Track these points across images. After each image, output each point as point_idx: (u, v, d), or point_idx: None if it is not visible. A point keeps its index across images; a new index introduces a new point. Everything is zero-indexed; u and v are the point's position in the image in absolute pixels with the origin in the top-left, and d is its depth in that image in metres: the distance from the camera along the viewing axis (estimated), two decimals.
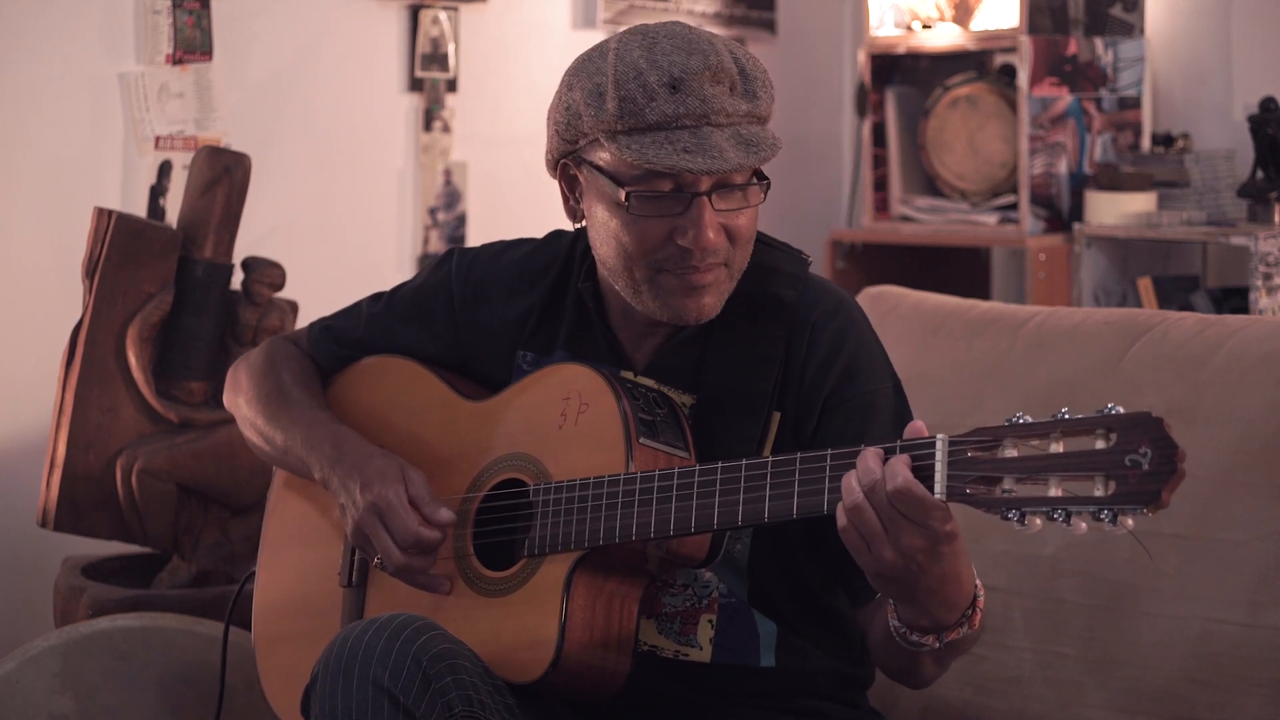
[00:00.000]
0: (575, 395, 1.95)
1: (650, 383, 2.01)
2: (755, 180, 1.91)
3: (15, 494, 3.16)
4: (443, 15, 3.78)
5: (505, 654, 1.90)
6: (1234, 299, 3.68)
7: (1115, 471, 1.54)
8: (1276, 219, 3.59)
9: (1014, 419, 1.61)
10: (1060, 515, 1.56)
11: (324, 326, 2.25)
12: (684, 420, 1.96)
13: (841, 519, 1.70)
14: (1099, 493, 1.55)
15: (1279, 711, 2.11)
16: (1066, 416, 1.58)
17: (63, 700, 2.57)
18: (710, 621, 1.97)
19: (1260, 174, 3.63)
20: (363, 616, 2.07)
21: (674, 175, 1.86)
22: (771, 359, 1.97)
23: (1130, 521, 1.54)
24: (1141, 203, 3.76)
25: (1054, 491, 1.57)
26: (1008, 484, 1.60)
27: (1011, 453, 1.61)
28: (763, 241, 2.04)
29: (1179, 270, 3.91)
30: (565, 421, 1.96)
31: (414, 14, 3.75)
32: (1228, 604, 2.15)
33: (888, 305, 2.68)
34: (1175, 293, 3.75)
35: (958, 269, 4.27)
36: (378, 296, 2.23)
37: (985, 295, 4.26)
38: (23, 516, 3.07)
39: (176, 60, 3.33)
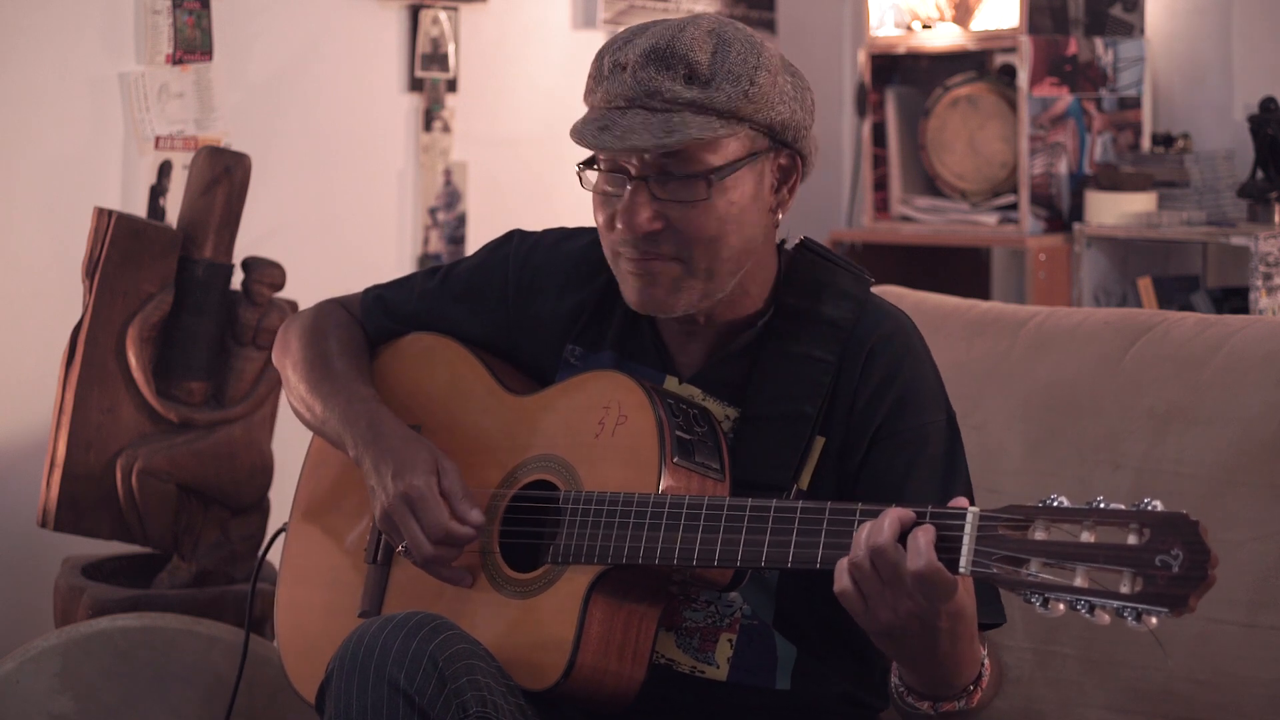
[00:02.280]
0: (615, 405, 1.93)
1: (696, 392, 1.99)
2: (699, 175, 1.87)
3: (15, 494, 3.16)
4: (443, 15, 3.78)
5: (519, 657, 1.89)
6: (1234, 299, 3.68)
7: (1144, 570, 1.53)
8: (1276, 219, 3.58)
9: (1049, 501, 1.59)
10: (1083, 606, 1.55)
11: (377, 295, 2.24)
12: (723, 440, 1.94)
13: (842, 578, 1.69)
14: (1125, 589, 1.53)
15: (1279, 711, 2.11)
16: (1102, 505, 1.56)
17: (63, 700, 2.57)
18: (730, 641, 1.96)
19: (1260, 174, 3.63)
20: (385, 595, 2.06)
21: (605, 155, 1.89)
22: (819, 382, 1.94)
23: (1154, 621, 1.53)
24: (1141, 203, 3.76)
25: (1080, 581, 1.55)
26: (1034, 567, 1.58)
27: (1042, 535, 1.59)
28: (824, 258, 2.02)
29: (1179, 270, 3.91)
30: (603, 431, 1.94)
31: (414, 14, 3.75)
32: (1228, 604, 2.15)
33: None
34: (1175, 293, 3.75)
35: (958, 269, 4.27)
36: (433, 271, 2.21)
37: (985, 295, 4.26)
38: (23, 516, 3.07)
39: (176, 60, 3.33)
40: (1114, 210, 3.77)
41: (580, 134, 1.88)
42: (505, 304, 2.13)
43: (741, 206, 1.91)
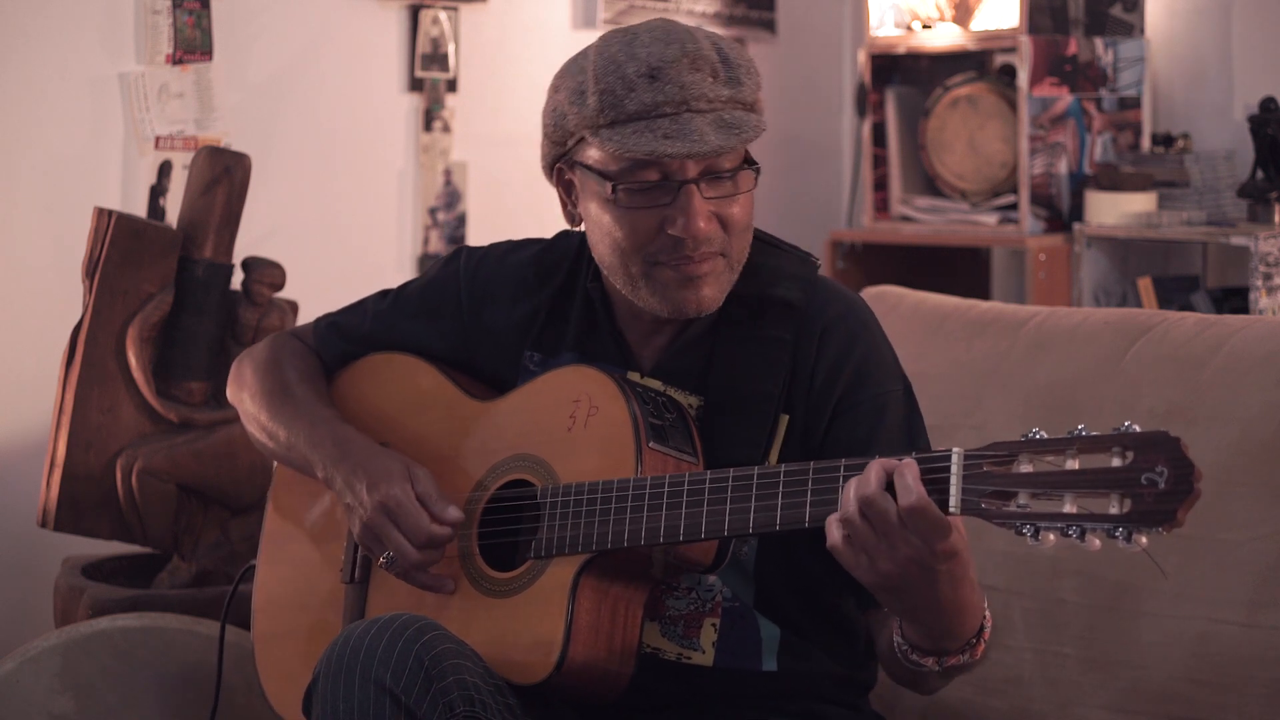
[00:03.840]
0: (585, 398, 1.95)
1: (657, 384, 2.00)
2: (745, 165, 1.92)
3: (15, 494, 3.16)
4: (443, 15, 3.78)
5: (509, 655, 1.90)
6: (1234, 299, 3.68)
7: (1131, 490, 1.54)
8: (1276, 219, 3.58)
9: (1030, 434, 1.61)
10: (1075, 532, 1.56)
11: (330, 322, 2.25)
12: (693, 425, 1.95)
13: (833, 533, 1.69)
14: (1114, 510, 1.55)
15: (1279, 711, 2.11)
16: (1083, 433, 1.58)
17: (63, 700, 2.57)
18: (713, 625, 1.97)
19: (1260, 174, 3.63)
20: (364, 613, 2.07)
21: (659, 164, 1.87)
22: (779, 362, 1.97)
23: (1145, 540, 1.54)
24: (1141, 203, 3.76)
25: (1069, 508, 1.57)
26: (1022, 499, 1.60)
27: (1027, 468, 1.61)
28: (770, 244, 2.04)
29: (1179, 270, 3.91)
30: (574, 424, 1.95)
31: (414, 14, 3.75)
32: (1228, 604, 2.15)
33: (888, 305, 2.68)
34: (1175, 293, 3.75)
35: (958, 269, 4.27)
36: (384, 294, 2.23)
37: (985, 295, 4.26)
38: (23, 516, 3.07)
39: (176, 60, 3.33)
40: (1114, 210, 3.77)
41: (646, 146, 1.85)
42: (460, 318, 2.14)
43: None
